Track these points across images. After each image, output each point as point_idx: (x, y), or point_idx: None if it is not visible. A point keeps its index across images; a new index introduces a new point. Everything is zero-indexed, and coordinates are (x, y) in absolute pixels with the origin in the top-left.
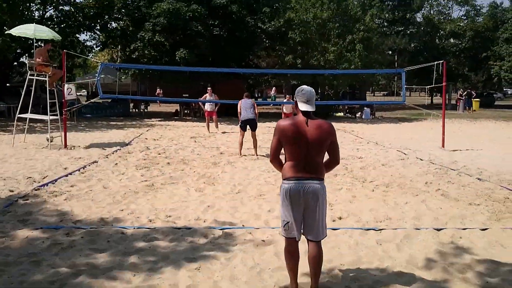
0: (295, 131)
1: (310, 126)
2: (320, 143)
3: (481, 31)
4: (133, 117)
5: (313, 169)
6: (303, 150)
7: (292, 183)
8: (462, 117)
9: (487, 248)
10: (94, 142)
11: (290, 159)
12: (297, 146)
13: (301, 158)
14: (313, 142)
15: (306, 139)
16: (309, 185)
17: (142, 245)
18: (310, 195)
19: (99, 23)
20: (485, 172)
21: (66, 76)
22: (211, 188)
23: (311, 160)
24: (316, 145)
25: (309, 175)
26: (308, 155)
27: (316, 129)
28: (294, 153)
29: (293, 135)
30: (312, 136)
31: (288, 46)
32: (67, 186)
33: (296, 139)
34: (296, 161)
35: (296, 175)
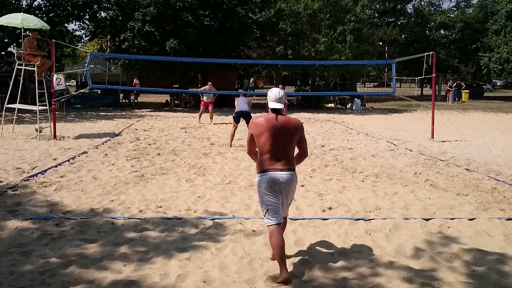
0: (266, 127)
1: (280, 122)
2: (290, 138)
3: (471, 23)
4: (123, 108)
5: (285, 161)
6: (275, 144)
7: (268, 174)
8: (451, 108)
9: (474, 237)
10: (84, 132)
11: (263, 153)
12: (268, 140)
13: (273, 151)
14: (283, 137)
15: (276, 134)
16: (283, 175)
17: (132, 236)
18: (284, 184)
19: (88, 13)
20: (473, 162)
21: (55, 66)
22: (201, 178)
23: (282, 153)
24: (286, 139)
25: (282, 167)
26: (279, 148)
27: (285, 125)
28: (266, 147)
29: (265, 131)
30: (282, 131)
31: (279, 37)
32: (56, 176)
33: (268, 135)
34: (269, 155)
35: (271, 167)
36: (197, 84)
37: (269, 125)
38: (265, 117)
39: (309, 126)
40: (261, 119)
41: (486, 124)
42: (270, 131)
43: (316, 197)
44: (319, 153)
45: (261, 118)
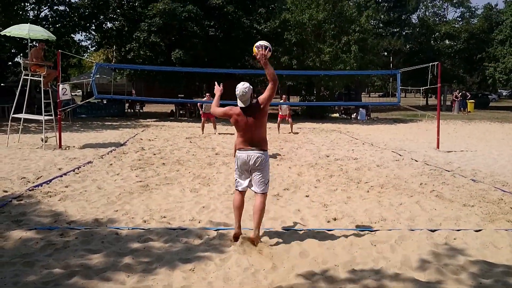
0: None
1: (248, 115)
2: (259, 123)
3: (476, 33)
4: (128, 118)
5: (255, 143)
6: (247, 131)
7: (241, 152)
8: (457, 118)
9: (480, 249)
10: (89, 142)
11: (238, 135)
12: (241, 128)
13: (245, 136)
14: (253, 125)
15: (245, 121)
16: (253, 154)
17: (136, 246)
18: (253, 161)
19: (94, 23)
20: (479, 173)
21: (61, 76)
22: (206, 188)
23: (253, 136)
24: (256, 125)
25: (252, 147)
26: (250, 133)
27: (253, 115)
28: (240, 132)
29: (236, 121)
30: (251, 121)
31: (284, 47)
32: (61, 186)
33: (240, 124)
34: (242, 138)
35: (243, 147)
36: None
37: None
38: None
39: (314, 136)
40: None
41: (492, 134)
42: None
43: (321, 208)
44: (324, 163)
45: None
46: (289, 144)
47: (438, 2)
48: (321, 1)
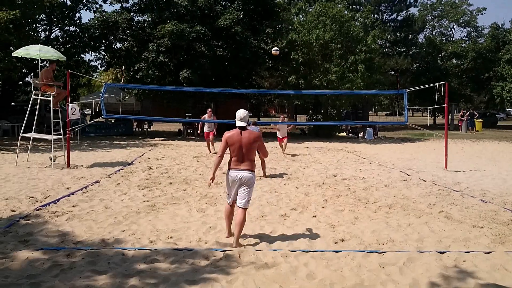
0: (234, 139)
1: (243, 135)
2: (250, 146)
3: (483, 52)
4: (136, 136)
5: (246, 164)
6: (240, 151)
7: (232, 171)
8: (464, 137)
9: (491, 272)
10: (97, 161)
11: (231, 156)
12: (235, 148)
13: (238, 156)
14: (245, 146)
15: (240, 144)
16: (242, 174)
17: (142, 267)
18: (241, 180)
19: (104, 44)
20: (488, 193)
21: (70, 95)
22: (213, 208)
23: (244, 158)
24: (248, 147)
25: (242, 167)
26: (242, 154)
27: (247, 137)
28: (234, 152)
29: (233, 141)
30: (245, 142)
31: (291, 67)
32: (69, 206)
33: (235, 144)
34: (235, 158)
35: (234, 167)
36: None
37: (236, 138)
38: (234, 132)
39: (321, 155)
40: (231, 133)
41: (501, 153)
42: (236, 142)
43: (329, 228)
44: (331, 183)
45: (231, 133)
46: (296, 164)
47: (445, 22)
48: (327, 21)
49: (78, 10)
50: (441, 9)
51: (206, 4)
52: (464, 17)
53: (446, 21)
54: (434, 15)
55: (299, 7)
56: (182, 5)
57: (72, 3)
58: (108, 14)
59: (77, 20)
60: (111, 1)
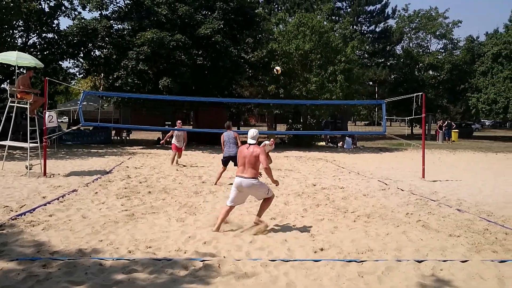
0: (242, 152)
1: (248, 149)
2: (251, 160)
3: (459, 64)
4: (115, 145)
5: (247, 173)
6: (244, 162)
7: (237, 178)
8: (441, 147)
9: (467, 280)
10: (74, 170)
11: (238, 165)
12: (241, 158)
13: (243, 166)
14: (249, 157)
15: (245, 155)
16: (246, 181)
17: (121, 278)
18: (246, 186)
19: (82, 51)
20: (464, 203)
21: (47, 103)
22: (192, 218)
23: (247, 166)
24: (249, 160)
25: (246, 175)
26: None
27: (251, 152)
28: (240, 162)
29: (241, 152)
30: (247, 154)
31: (271, 76)
32: (45, 215)
33: (241, 154)
34: (241, 167)
35: (239, 175)
36: (190, 122)
37: (243, 151)
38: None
39: (300, 165)
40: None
41: (476, 163)
42: (242, 155)
43: (308, 238)
44: (310, 192)
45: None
46: (276, 173)
47: (422, 34)
48: (307, 32)
49: (57, 16)
50: (418, 22)
51: (187, 13)
52: (440, 29)
53: (423, 33)
54: (411, 27)
55: (279, 17)
56: (162, 14)
57: (50, 9)
58: (87, 21)
59: (55, 27)
60: (90, 9)
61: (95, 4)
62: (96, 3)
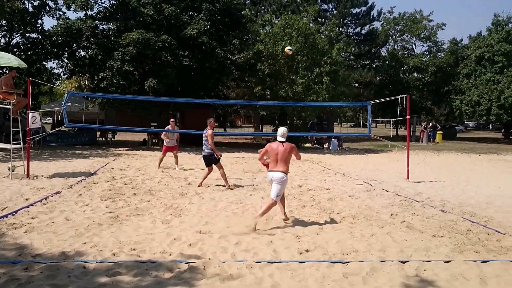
0: (274, 147)
1: (280, 146)
2: (284, 156)
3: (443, 66)
4: (100, 146)
5: (281, 165)
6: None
7: (270, 173)
8: (426, 149)
9: (450, 280)
10: (58, 171)
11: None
12: (273, 154)
13: (275, 162)
14: (281, 153)
15: (277, 152)
16: (276, 174)
17: (104, 280)
18: (276, 178)
19: (67, 51)
20: (448, 203)
21: (31, 104)
22: (177, 220)
23: (280, 162)
24: (282, 157)
25: (277, 168)
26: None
27: (284, 148)
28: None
29: (272, 149)
30: (280, 150)
31: (257, 78)
32: (27, 218)
33: (273, 151)
34: (273, 163)
35: (271, 170)
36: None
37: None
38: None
39: None
40: (271, 143)
41: (460, 165)
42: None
43: (294, 239)
44: (296, 194)
45: (272, 143)
46: (263, 174)
47: (406, 37)
48: (293, 33)
49: (41, 16)
50: (403, 24)
51: (173, 14)
52: (425, 32)
53: (407, 35)
54: (397, 30)
55: (266, 19)
56: (148, 14)
57: (34, 9)
58: (71, 21)
59: (39, 26)
60: (75, 9)
61: (80, 4)
62: (81, 3)
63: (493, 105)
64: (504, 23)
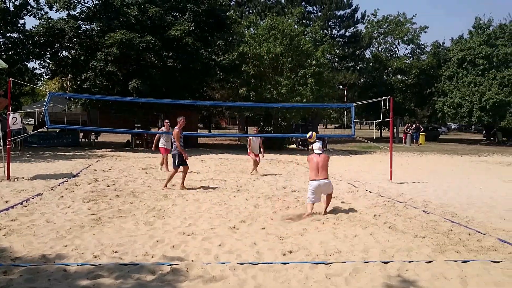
0: (314, 160)
1: (320, 157)
2: (324, 164)
3: (426, 69)
4: (83, 147)
5: (322, 175)
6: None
7: (314, 182)
8: (409, 150)
9: (431, 280)
10: (40, 173)
11: (311, 171)
12: (314, 164)
13: (316, 169)
14: (322, 162)
15: (317, 162)
16: (323, 181)
17: (85, 283)
18: (323, 184)
19: (49, 51)
20: (430, 204)
21: (12, 104)
22: (160, 221)
23: (321, 170)
24: (322, 165)
25: (320, 176)
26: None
27: (322, 158)
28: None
29: (313, 161)
30: (320, 160)
31: (242, 79)
32: (7, 220)
33: (314, 162)
34: (314, 172)
35: (315, 179)
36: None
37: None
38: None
39: (271, 167)
40: (312, 157)
41: (442, 166)
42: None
43: (277, 240)
44: (280, 195)
45: (312, 156)
46: (246, 176)
47: (390, 39)
48: (278, 35)
49: (22, 16)
50: (386, 27)
51: (157, 14)
52: (408, 34)
53: (391, 38)
54: (380, 32)
55: (250, 20)
56: (132, 15)
57: (16, 8)
58: (54, 21)
59: (20, 26)
60: (57, 8)
61: (62, 4)
62: (63, 3)
63: (475, 107)
64: (485, 26)
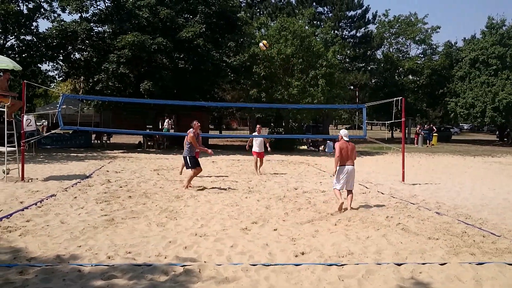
0: (345, 146)
1: (349, 144)
2: (352, 150)
3: (438, 69)
4: (95, 149)
5: (351, 160)
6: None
7: (347, 167)
8: (421, 151)
9: (446, 283)
10: (53, 174)
11: (342, 157)
12: (345, 151)
13: (347, 156)
14: (350, 150)
15: (348, 149)
16: (350, 167)
17: (99, 284)
18: (350, 170)
19: (62, 54)
20: (443, 206)
21: (26, 106)
22: (173, 222)
23: (350, 157)
24: (351, 151)
25: (349, 163)
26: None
27: (352, 146)
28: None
29: (343, 148)
30: (349, 148)
31: (253, 80)
32: (22, 221)
33: (344, 149)
34: (344, 158)
35: (346, 164)
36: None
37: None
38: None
39: (282, 169)
40: (341, 143)
41: (454, 167)
42: (345, 148)
43: (289, 242)
44: (292, 196)
45: (342, 143)
46: (258, 177)
47: (401, 39)
48: (289, 36)
49: (35, 19)
50: (398, 27)
51: (168, 16)
52: (420, 35)
53: (402, 38)
54: (392, 33)
55: (261, 22)
56: (144, 17)
57: (29, 11)
58: (66, 23)
59: (34, 29)
60: (70, 11)
61: (75, 7)
62: (76, 6)
63: (488, 108)
64: (498, 26)
